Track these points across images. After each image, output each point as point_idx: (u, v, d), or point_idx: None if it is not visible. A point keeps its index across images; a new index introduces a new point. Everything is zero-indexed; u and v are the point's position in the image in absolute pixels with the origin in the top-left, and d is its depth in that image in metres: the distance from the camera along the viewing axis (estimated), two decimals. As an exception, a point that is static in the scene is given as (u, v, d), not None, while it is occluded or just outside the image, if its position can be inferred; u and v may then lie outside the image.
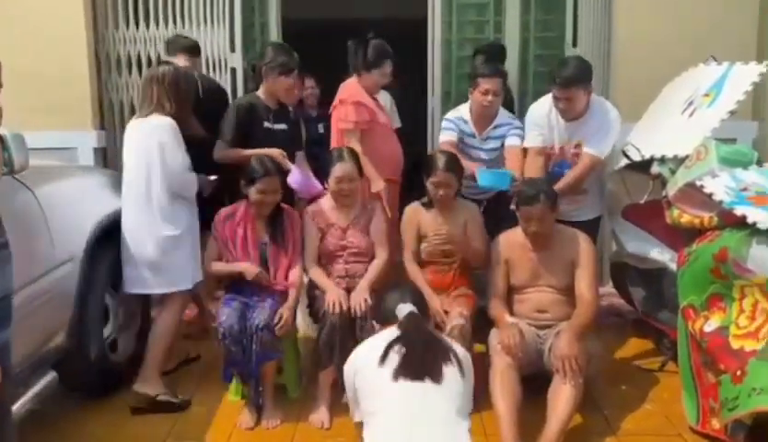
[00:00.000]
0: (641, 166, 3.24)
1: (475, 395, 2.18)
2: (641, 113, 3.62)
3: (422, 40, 4.67)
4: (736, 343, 2.48)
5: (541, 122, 3.34)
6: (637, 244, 3.44)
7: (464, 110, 3.52)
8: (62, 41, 4.25)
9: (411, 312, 2.16)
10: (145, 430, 2.82)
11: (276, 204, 3.06)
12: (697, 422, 2.70)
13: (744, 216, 2.51)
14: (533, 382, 2.74)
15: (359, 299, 2.90)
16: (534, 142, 3.35)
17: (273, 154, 3.19)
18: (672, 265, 3.05)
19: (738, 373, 2.41)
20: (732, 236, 2.56)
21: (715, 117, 3.06)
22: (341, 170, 3.02)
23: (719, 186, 2.66)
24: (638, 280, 3.60)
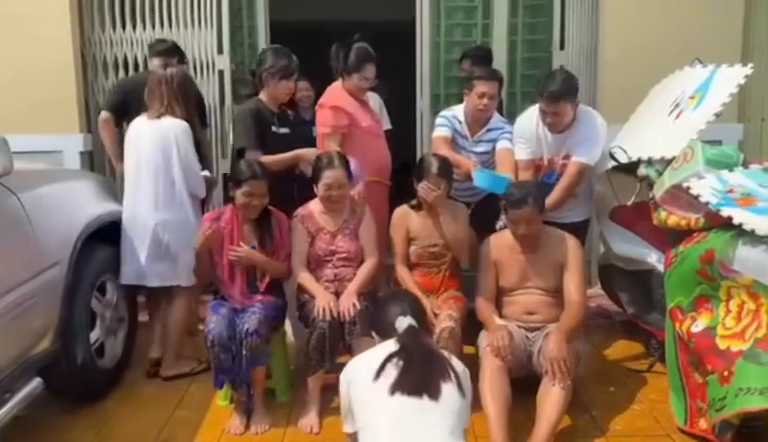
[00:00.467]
0: (628, 168, 3.25)
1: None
2: (628, 115, 3.64)
3: (412, 41, 4.68)
4: (723, 344, 2.49)
5: (528, 135, 3.35)
6: (625, 246, 3.46)
7: (458, 110, 3.52)
8: (48, 43, 4.21)
9: (410, 325, 2.12)
10: (134, 435, 2.80)
11: (264, 208, 3.04)
12: (685, 422, 2.72)
13: (730, 218, 2.52)
14: (522, 384, 2.75)
15: (347, 304, 2.88)
16: (522, 155, 3.36)
17: (310, 154, 3.23)
18: (659, 266, 3.07)
19: (726, 373, 2.42)
20: (718, 237, 2.58)
21: (702, 119, 3.08)
22: (331, 177, 2.99)
23: (706, 188, 2.68)
24: (626, 281, 3.61)
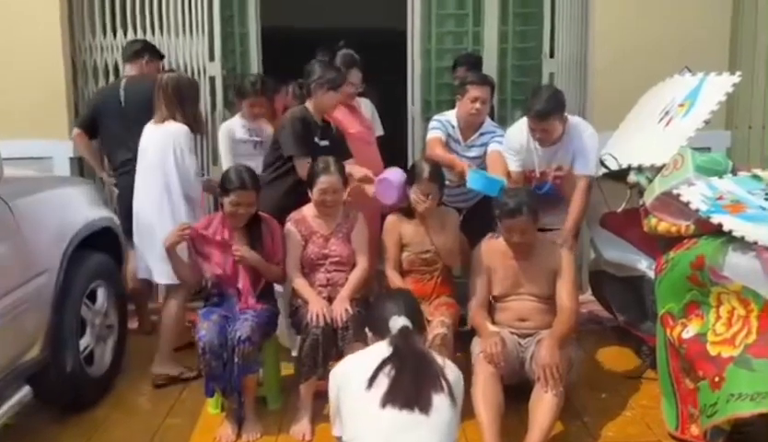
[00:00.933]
0: (618, 174, 3.28)
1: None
2: (618, 123, 3.67)
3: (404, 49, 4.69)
4: (713, 350, 2.51)
5: (518, 148, 3.37)
6: (615, 252, 3.48)
7: (451, 115, 3.55)
8: (38, 49, 4.17)
9: (404, 326, 2.09)
10: (124, 444, 2.78)
11: (254, 215, 3.02)
12: (676, 428, 2.73)
13: (720, 225, 2.54)
14: (515, 390, 2.75)
15: (340, 309, 2.88)
16: (513, 167, 3.38)
17: (362, 173, 3.24)
18: (650, 273, 3.09)
19: (717, 379, 2.44)
20: (709, 244, 2.59)
21: (691, 126, 3.11)
22: (326, 182, 2.99)
23: (696, 195, 2.70)
24: (616, 288, 3.63)
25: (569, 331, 2.84)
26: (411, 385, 1.94)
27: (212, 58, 4.41)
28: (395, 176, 3.24)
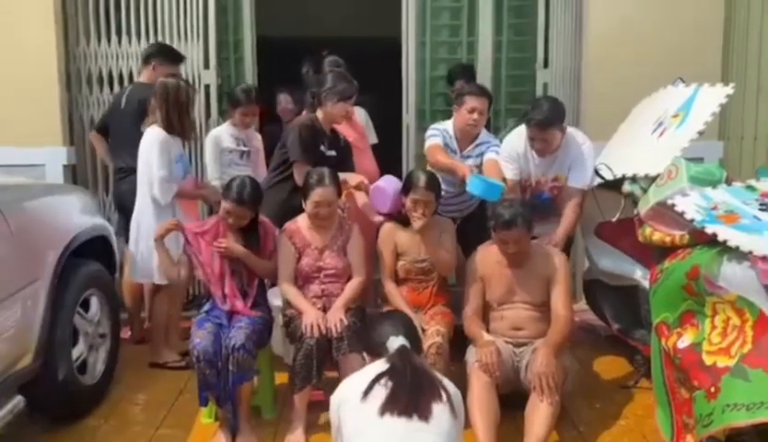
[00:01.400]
0: (613, 184, 3.29)
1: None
2: (611, 133, 3.68)
3: (399, 58, 4.70)
4: (709, 360, 2.50)
5: (515, 157, 3.38)
6: (610, 261, 3.49)
7: (448, 125, 3.55)
8: (31, 56, 4.16)
9: (402, 346, 2.06)
10: (116, 454, 2.76)
11: (253, 218, 3.02)
12: (672, 438, 2.72)
13: (715, 235, 2.55)
14: (510, 399, 2.75)
15: (335, 319, 2.86)
16: (509, 174, 3.39)
17: (357, 180, 3.27)
18: (644, 282, 3.10)
19: (713, 389, 2.43)
20: (703, 253, 2.60)
21: (685, 137, 3.12)
22: (320, 195, 2.96)
23: (690, 205, 2.70)
24: (611, 297, 3.64)
25: (564, 339, 2.85)
26: (409, 394, 1.92)
27: (207, 66, 4.41)
28: (389, 184, 3.24)
